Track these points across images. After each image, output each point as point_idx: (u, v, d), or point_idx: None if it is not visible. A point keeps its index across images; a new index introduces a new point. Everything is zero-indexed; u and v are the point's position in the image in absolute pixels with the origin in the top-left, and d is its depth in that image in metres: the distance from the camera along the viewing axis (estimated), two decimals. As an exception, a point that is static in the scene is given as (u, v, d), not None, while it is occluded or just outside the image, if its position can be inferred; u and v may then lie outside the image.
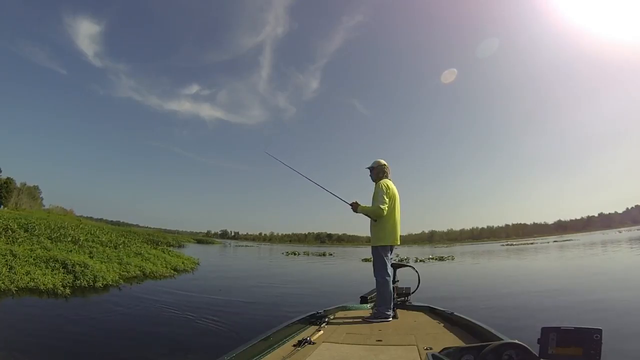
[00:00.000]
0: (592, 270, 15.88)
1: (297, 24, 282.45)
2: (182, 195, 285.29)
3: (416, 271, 5.18)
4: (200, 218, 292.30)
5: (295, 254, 42.34)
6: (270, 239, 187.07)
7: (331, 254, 43.43)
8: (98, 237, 17.20)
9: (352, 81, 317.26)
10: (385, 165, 4.63)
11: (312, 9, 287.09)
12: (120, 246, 16.30)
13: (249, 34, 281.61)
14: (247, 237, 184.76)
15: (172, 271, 14.69)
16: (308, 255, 42.18)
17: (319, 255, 42.23)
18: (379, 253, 4.31)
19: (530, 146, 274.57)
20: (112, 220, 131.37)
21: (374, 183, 4.58)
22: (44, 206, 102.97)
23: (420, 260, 29.04)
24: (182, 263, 17.30)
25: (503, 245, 66.34)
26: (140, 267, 13.55)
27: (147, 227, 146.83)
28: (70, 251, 12.99)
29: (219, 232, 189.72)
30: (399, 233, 4.47)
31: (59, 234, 15.71)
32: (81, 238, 15.65)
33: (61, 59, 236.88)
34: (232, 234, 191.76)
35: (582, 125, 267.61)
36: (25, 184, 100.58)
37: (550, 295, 9.85)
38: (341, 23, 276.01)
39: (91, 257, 13.16)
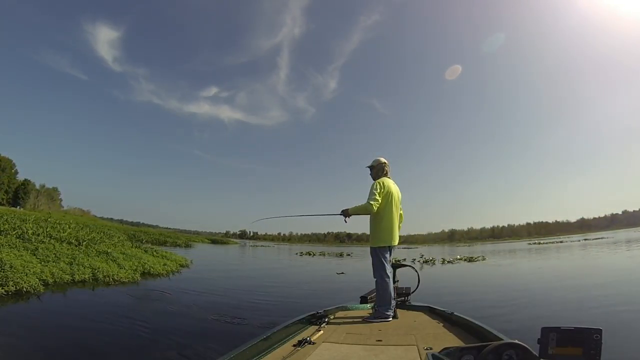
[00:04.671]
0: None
1: (314, 25, 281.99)
2: (202, 196, 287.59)
3: (416, 271, 5.15)
4: (221, 219, 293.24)
5: (310, 254, 39.50)
6: (289, 239, 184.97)
7: (349, 254, 40.01)
8: (58, 233, 14.42)
9: (370, 81, 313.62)
10: (385, 163, 4.57)
11: (329, 10, 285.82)
12: (84, 244, 13.44)
13: (266, 36, 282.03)
14: (265, 238, 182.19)
15: (138, 276, 11.69)
16: (324, 255, 39.05)
17: (336, 255, 38.95)
18: (377, 253, 4.29)
19: (551, 144, 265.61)
20: (132, 222, 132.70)
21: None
22: (62, 207, 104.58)
23: (449, 262, 25.63)
24: (164, 265, 14.40)
25: (530, 244, 62.38)
26: (95, 269, 10.64)
27: (167, 228, 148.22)
28: (7, 246, 10.21)
29: (238, 233, 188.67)
30: (396, 233, 4.36)
31: (8, 226, 13.06)
32: (29, 231, 12.90)
33: (82, 65, 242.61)
34: (251, 234, 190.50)
35: (602, 121, 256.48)
36: (44, 186, 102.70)
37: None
38: (358, 23, 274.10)
39: (34, 255, 10.42)
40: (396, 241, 4.35)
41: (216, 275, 16.04)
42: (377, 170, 4.55)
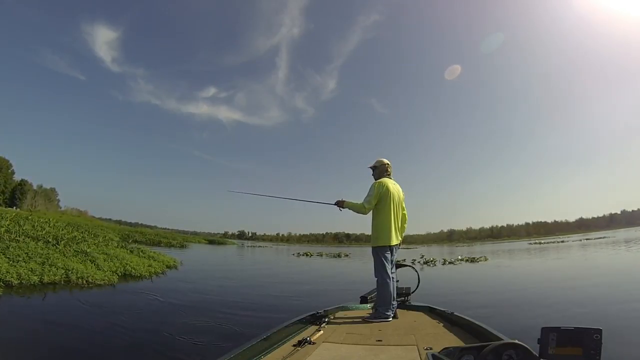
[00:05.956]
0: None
1: (313, 25, 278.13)
2: (201, 197, 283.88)
3: (416, 271, 5.21)
4: (219, 219, 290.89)
5: (308, 255, 38.87)
6: (288, 239, 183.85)
7: (347, 255, 39.36)
8: (35, 231, 13.60)
9: (369, 81, 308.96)
10: (387, 164, 4.57)
11: (328, 10, 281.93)
12: (62, 243, 12.62)
13: (265, 36, 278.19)
14: (264, 238, 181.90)
15: (115, 278, 10.92)
16: (322, 256, 38.44)
17: (334, 256, 38.19)
18: (377, 253, 4.28)
19: (549, 143, 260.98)
20: (130, 222, 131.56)
21: None
22: (60, 208, 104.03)
23: (449, 262, 24.85)
24: (148, 267, 13.68)
25: (530, 243, 61.54)
26: (69, 270, 9.86)
27: (165, 228, 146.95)
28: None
29: (236, 233, 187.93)
30: (395, 233, 4.30)
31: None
32: (1, 229, 12.12)
33: (80, 66, 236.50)
34: (250, 234, 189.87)
35: (600, 120, 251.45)
36: (41, 186, 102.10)
37: None
38: (357, 23, 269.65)
39: (3, 254, 9.70)
40: (395, 241, 4.29)
41: (202, 277, 15.27)
42: (380, 171, 4.55)
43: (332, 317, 4.01)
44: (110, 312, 7.24)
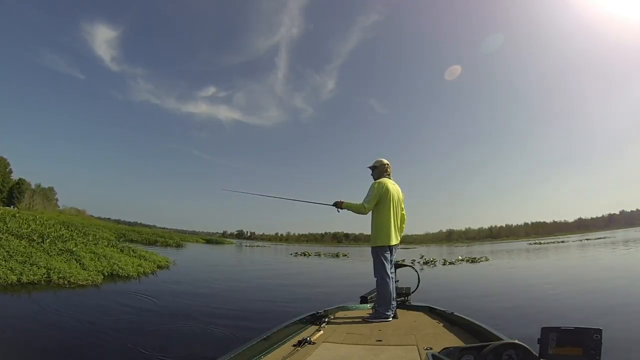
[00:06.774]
0: None
1: (312, 25, 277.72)
2: (200, 196, 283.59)
3: (416, 271, 5.19)
4: (218, 219, 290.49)
5: (306, 255, 38.49)
6: (287, 239, 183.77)
7: (345, 255, 38.96)
8: (20, 229, 13.14)
9: (368, 81, 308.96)
10: (387, 164, 4.56)
11: (327, 10, 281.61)
12: (47, 241, 12.16)
13: (264, 36, 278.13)
14: (263, 238, 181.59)
15: (100, 278, 10.47)
16: (320, 256, 38.16)
17: (332, 256, 37.89)
18: (377, 253, 4.27)
19: (547, 144, 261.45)
20: (128, 222, 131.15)
21: None
22: (58, 207, 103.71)
23: (450, 263, 24.47)
24: (137, 266, 13.27)
25: (530, 244, 61.27)
26: (51, 269, 9.44)
27: (164, 228, 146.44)
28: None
29: (235, 233, 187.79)
30: (395, 233, 4.30)
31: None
32: None
33: (79, 65, 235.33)
34: (248, 234, 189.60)
35: (598, 121, 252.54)
36: (39, 185, 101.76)
37: None
38: (356, 23, 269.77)
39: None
40: (395, 241, 4.29)
41: (193, 278, 14.85)
42: (379, 171, 4.53)
43: (332, 317, 4.00)
44: (83, 314, 6.82)
